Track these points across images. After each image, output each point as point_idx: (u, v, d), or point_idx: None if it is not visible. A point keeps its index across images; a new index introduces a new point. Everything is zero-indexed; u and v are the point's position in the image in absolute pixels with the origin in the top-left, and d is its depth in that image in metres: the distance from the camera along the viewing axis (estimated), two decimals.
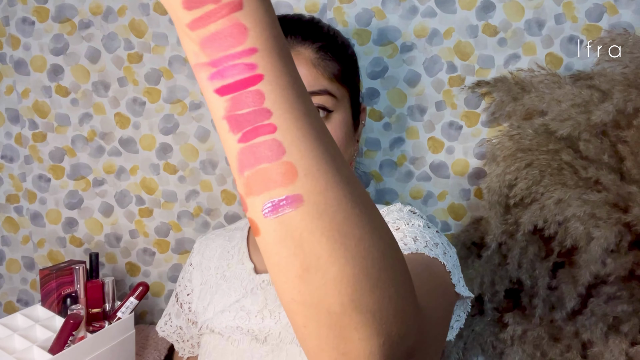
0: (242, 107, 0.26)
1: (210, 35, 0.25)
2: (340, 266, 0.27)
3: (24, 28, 1.00)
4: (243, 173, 0.27)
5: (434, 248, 0.56)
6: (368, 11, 0.94)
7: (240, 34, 0.26)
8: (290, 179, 0.26)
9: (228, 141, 0.27)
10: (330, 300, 0.28)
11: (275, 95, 0.26)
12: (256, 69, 0.26)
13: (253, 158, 0.27)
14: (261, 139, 0.26)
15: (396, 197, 0.98)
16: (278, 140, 0.26)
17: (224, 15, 0.25)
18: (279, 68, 0.27)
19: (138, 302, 0.85)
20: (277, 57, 0.27)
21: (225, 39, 0.25)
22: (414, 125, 0.96)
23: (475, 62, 0.93)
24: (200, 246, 0.82)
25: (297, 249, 0.27)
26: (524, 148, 0.81)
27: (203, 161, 1.01)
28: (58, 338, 0.73)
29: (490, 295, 0.89)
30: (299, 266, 0.27)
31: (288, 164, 0.26)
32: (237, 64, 0.26)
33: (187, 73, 0.99)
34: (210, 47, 0.26)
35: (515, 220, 0.83)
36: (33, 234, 1.07)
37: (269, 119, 0.26)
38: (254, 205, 0.27)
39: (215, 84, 0.26)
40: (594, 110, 0.77)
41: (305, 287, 0.28)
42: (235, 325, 0.67)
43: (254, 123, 0.26)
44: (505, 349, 0.87)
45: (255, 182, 0.27)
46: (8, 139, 1.05)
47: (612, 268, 0.76)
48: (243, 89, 0.26)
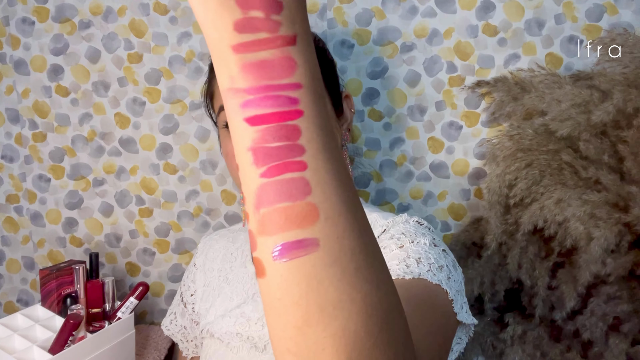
0: (274, 141, 0.25)
1: (257, 61, 0.25)
2: (343, 320, 0.26)
3: (24, 28, 1.00)
4: (259, 210, 0.26)
5: (438, 272, 0.54)
6: (368, 11, 0.94)
7: (290, 67, 0.25)
8: (310, 222, 0.25)
9: (248, 174, 0.26)
10: (327, 356, 0.26)
11: (310, 134, 0.26)
12: (297, 104, 0.25)
13: (274, 195, 0.25)
14: (288, 176, 0.25)
15: (396, 197, 0.99)
16: (306, 179, 0.25)
17: (277, 46, 0.25)
18: (317, 107, 0.26)
19: (138, 302, 0.85)
20: (316, 96, 0.26)
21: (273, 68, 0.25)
22: (414, 125, 0.96)
23: (475, 62, 0.93)
24: (204, 247, 0.82)
25: (302, 298, 0.26)
26: (524, 148, 0.81)
27: (203, 161, 1.01)
28: (58, 338, 0.73)
29: (490, 295, 0.89)
30: (300, 317, 0.26)
31: (311, 205, 0.25)
32: (279, 95, 0.25)
33: (187, 73, 0.99)
34: (254, 73, 0.25)
35: (515, 220, 0.83)
36: (33, 234, 1.07)
37: (301, 156, 0.25)
38: (265, 245, 0.26)
39: (248, 112, 0.25)
40: (594, 110, 0.77)
41: (302, 340, 0.26)
42: (235, 332, 0.67)
43: (284, 158, 0.25)
44: (505, 349, 0.87)
45: (271, 221, 0.25)
46: (8, 139, 1.05)
47: (612, 268, 0.76)
48: (279, 122, 0.25)
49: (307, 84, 0.26)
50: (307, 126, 0.26)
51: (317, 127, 0.26)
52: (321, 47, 0.75)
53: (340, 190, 0.26)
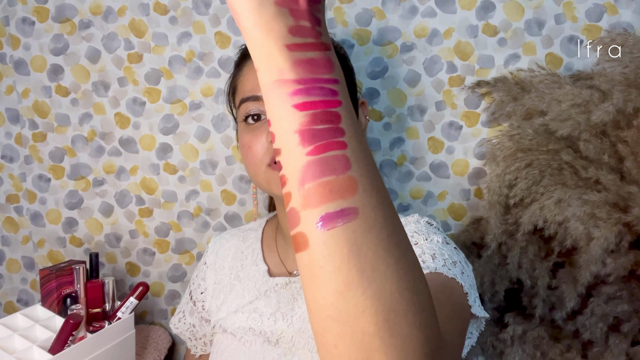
0: (321, 123, 0.29)
1: (307, 59, 0.30)
2: (380, 282, 0.29)
3: (24, 28, 1.00)
4: (304, 185, 0.29)
5: (452, 267, 0.56)
6: (368, 11, 0.94)
7: (330, 66, 0.31)
8: (351, 193, 0.29)
9: (294, 154, 0.30)
10: (367, 319, 0.29)
11: (348, 119, 0.30)
12: (337, 95, 0.30)
13: (319, 170, 0.29)
14: (332, 153, 0.29)
15: (396, 197, 0.99)
16: (347, 156, 0.30)
17: (321, 50, 0.31)
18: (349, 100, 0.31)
19: (138, 302, 0.85)
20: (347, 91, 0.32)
21: (320, 66, 0.30)
22: (414, 125, 0.96)
23: (475, 62, 0.93)
24: (215, 245, 0.84)
25: (343, 263, 0.29)
26: (524, 148, 0.81)
27: (203, 161, 1.01)
28: (58, 338, 0.73)
29: (490, 295, 0.89)
30: (342, 281, 0.29)
31: (351, 178, 0.29)
32: (324, 87, 0.30)
33: (187, 73, 0.99)
34: (304, 68, 0.30)
35: (515, 220, 0.83)
36: (33, 234, 1.07)
37: (343, 137, 0.30)
38: (309, 217, 0.29)
39: (297, 99, 0.29)
40: (594, 110, 0.77)
41: (344, 304, 0.29)
42: (247, 326, 0.68)
43: (328, 138, 0.29)
44: (505, 349, 0.87)
45: (316, 194, 0.29)
46: (8, 139, 1.05)
47: (612, 268, 0.76)
48: (325, 108, 0.30)
49: (341, 81, 0.31)
50: (345, 114, 0.30)
51: (351, 115, 0.31)
52: (342, 54, 0.77)
53: (372, 167, 0.31)
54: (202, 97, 0.99)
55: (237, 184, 1.01)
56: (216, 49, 0.98)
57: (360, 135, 0.31)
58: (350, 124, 0.30)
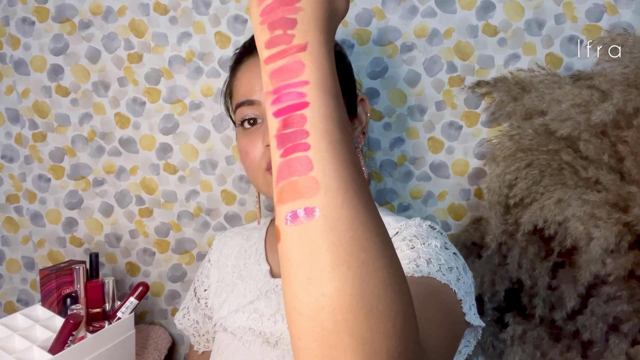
0: (288, 127, 0.32)
1: (277, 68, 0.32)
2: (340, 283, 0.29)
3: (24, 28, 1.00)
4: (278, 184, 0.32)
5: (447, 273, 0.55)
6: (368, 11, 0.94)
7: (299, 69, 0.32)
8: (312, 193, 0.30)
9: (274, 156, 0.32)
10: (326, 315, 0.29)
11: (315, 121, 0.31)
12: (304, 97, 0.32)
13: (287, 171, 0.31)
14: (296, 155, 0.31)
15: (396, 197, 0.99)
16: (309, 157, 0.31)
17: (291, 54, 0.32)
18: (324, 100, 0.32)
19: (138, 302, 0.85)
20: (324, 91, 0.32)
21: (287, 72, 0.32)
22: (414, 125, 0.96)
23: (475, 62, 0.93)
24: (219, 243, 0.85)
25: (306, 257, 0.30)
26: (524, 148, 0.81)
27: (203, 161, 1.01)
28: (58, 338, 0.73)
29: (490, 295, 0.89)
30: (304, 275, 0.30)
31: (313, 179, 0.30)
32: (291, 92, 0.32)
33: (187, 73, 0.99)
34: (276, 77, 0.32)
35: (515, 220, 0.83)
36: (33, 234, 1.07)
37: (306, 138, 0.31)
38: (280, 212, 0.31)
39: (274, 107, 0.32)
40: (594, 110, 0.77)
41: (305, 297, 0.30)
42: (247, 326, 0.68)
43: (294, 141, 0.31)
44: (505, 349, 0.87)
45: (285, 192, 0.31)
46: (8, 139, 1.05)
47: (612, 268, 0.76)
48: (292, 112, 0.32)
49: (314, 81, 0.32)
50: (313, 114, 0.31)
51: (321, 116, 0.32)
52: (338, 51, 0.76)
53: (340, 168, 0.31)
54: (202, 97, 0.99)
55: (237, 184, 1.01)
56: (216, 49, 0.98)
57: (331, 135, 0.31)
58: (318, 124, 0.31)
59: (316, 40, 0.33)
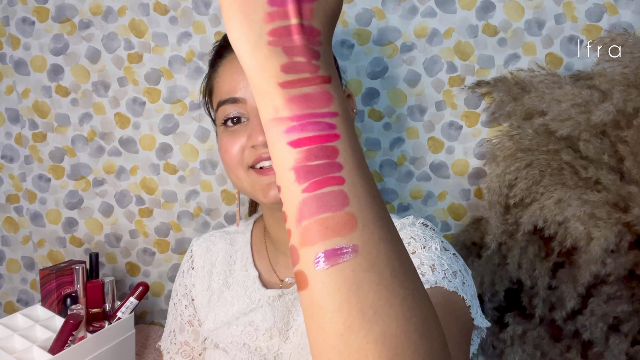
0: (316, 159, 0.29)
1: (300, 95, 0.30)
2: (384, 325, 0.27)
3: (24, 28, 1.00)
4: (301, 223, 0.28)
5: (453, 279, 0.54)
6: (368, 11, 0.94)
7: (328, 100, 0.30)
8: (349, 229, 0.28)
9: (290, 191, 0.29)
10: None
11: (346, 153, 0.30)
12: (335, 129, 0.30)
13: (315, 207, 0.28)
14: (328, 189, 0.28)
15: (396, 197, 0.99)
16: (345, 191, 0.29)
17: (317, 83, 0.30)
18: (351, 133, 0.31)
19: (138, 302, 0.85)
20: (349, 124, 0.31)
21: (314, 100, 0.30)
22: (414, 125, 0.96)
23: (475, 62, 0.93)
24: (200, 249, 0.77)
25: (343, 303, 0.27)
26: (524, 148, 0.81)
27: (203, 161, 1.01)
28: (58, 338, 0.73)
29: (490, 295, 0.89)
30: (342, 323, 0.27)
31: (349, 214, 0.28)
32: (319, 122, 0.29)
33: (187, 73, 0.99)
34: (297, 104, 0.29)
35: (515, 220, 0.83)
36: (33, 234, 1.07)
37: (340, 172, 0.29)
38: (307, 255, 0.28)
39: (291, 136, 0.29)
40: (594, 110, 0.77)
41: (345, 348, 0.27)
42: (242, 342, 0.64)
43: (324, 174, 0.29)
44: (505, 349, 0.87)
45: (313, 232, 0.28)
46: (8, 139, 1.05)
47: (612, 268, 0.76)
48: (320, 143, 0.29)
49: (341, 113, 0.30)
50: (344, 147, 0.30)
51: (351, 148, 0.30)
52: None
53: (373, 201, 0.30)
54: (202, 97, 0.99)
55: None
56: None
57: (361, 169, 0.30)
58: (350, 157, 0.30)
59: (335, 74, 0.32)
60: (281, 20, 0.30)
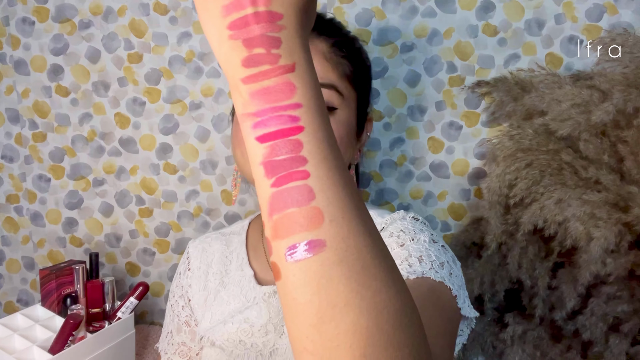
0: (280, 154, 0.29)
1: (261, 89, 0.29)
2: (355, 317, 0.28)
3: (24, 28, 1.00)
4: (272, 216, 0.29)
5: (440, 270, 0.55)
6: (368, 11, 0.94)
7: (289, 91, 0.29)
8: (316, 224, 0.28)
9: (262, 186, 0.29)
10: (342, 353, 0.27)
11: (311, 146, 0.29)
12: (298, 121, 0.29)
13: (283, 202, 0.28)
14: (293, 184, 0.28)
15: (396, 197, 0.99)
16: (309, 186, 0.28)
17: (277, 75, 0.29)
18: (317, 123, 0.30)
19: (138, 302, 0.85)
20: (317, 113, 0.30)
21: (275, 93, 0.29)
22: (414, 125, 0.96)
23: (475, 62, 0.93)
24: (195, 250, 0.78)
25: (314, 295, 0.28)
26: (524, 148, 0.81)
27: (203, 161, 1.01)
28: (58, 338, 0.73)
29: (490, 295, 0.89)
30: (315, 314, 0.28)
31: (316, 209, 0.28)
32: (281, 115, 0.29)
33: (187, 73, 0.99)
34: (259, 99, 0.29)
35: (515, 220, 0.83)
36: (33, 234, 1.07)
37: (304, 165, 0.29)
38: (278, 248, 0.29)
39: (258, 132, 0.29)
40: (594, 110, 0.77)
41: (318, 337, 0.28)
42: (238, 339, 0.64)
43: (289, 169, 0.28)
44: (505, 349, 0.87)
45: (282, 226, 0.28)
46: (8, 139, 1.05)
47: (612, 268, 0.76)
48: (283, 137, 0.29)
49: (306, 103, 0.29)
50: (309, 139, 0.29)
51: (318, 140, 0.29)
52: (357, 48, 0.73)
53: (342, 194, 0.29)
54: (202, 97, 0.99)
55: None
56: None
57: (329, 161, 0.29)
58: (316, 149, 0.29)
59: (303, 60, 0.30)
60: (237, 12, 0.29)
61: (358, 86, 0.69)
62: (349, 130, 0.67)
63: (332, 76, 0.65)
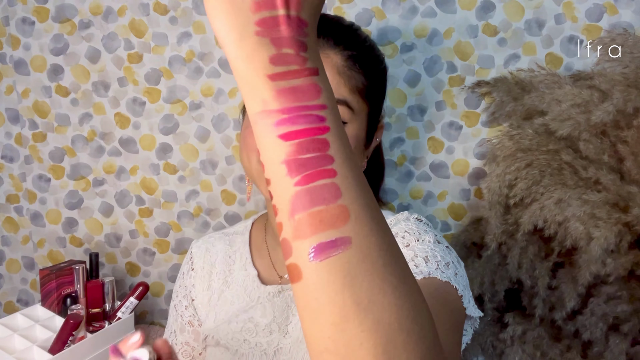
0: (307, 152, 0.29)
1: (290, 87, 0.29)
2: (378, 313, 0.28)
3: (24, 28, 1.00)
4: (294, 216, 0.28)
5: (446, 270, 0.56)
6: (368, 11, 0.94)
7: (317, 92, 0.30)
8: (342, 221, 0.28)
9: (282, 185, 0.29)
10: (365, 352, 0.28)
11: (337, 146, 0.30)
12: (325, 121, 0.30)
13: (308, 200, 0.28)
14: (321, 182, 0.29)
15: (396, 197, 0.99)
16: (336, 184, 0.29)
17: (306, 76, 0.30)
18: (339, 124, 0.31)
19: (138, 302, 0.85)
20: (338, 116, 0.31)
21: (303, 93, 0.29)
22: (414, 125, 0.96)
23: (475, 62, 0.93)
24: (199, 250, 0.78)
25: (338, 294, 0.28)
26: (524, 148, 0.81)
27: (203, 161, 1.01)
28: (58, 338, 0.73)
29: (490, 295, 0.89)
30: (337, 313, 0.28)
31: (342, 207, 0.29)
32: (309, 114, 0.29)
33: (187, 73, 0.99)
34: (287, 97, 0.29)
35: (515, 220, 0.83)
36: (33, 234, 1.07)
37: (331, 164, 0.29)
38: (300, 249, 0.28)
39: (281, 129, 0.29)
40: (594, 110, 0.77)
41: (340, 337, 0.28)
42: (242, 338, 0.65)
43: (316, 167, 0.29)
44: (505, 349, 0.87)
45: (306, 225, 0.28)
46: (8, 139, 1.05)
47: (612, 268, 0.76)
48: (311, 136, 0.29)
49: (330, 106, 0.30)
50: (334, 140, 0.30)
51: (341, 141, 0.30)
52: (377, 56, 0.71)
53: (363, 193, 0.30)
54: (202, 97, 0.99)
55: (237, 184, 1.01)
56: (216, 49, 0.98)
57: (352, 161, 0.30)
58: (340, 150, 0.30)
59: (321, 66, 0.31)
60: (269, 10, 0.29)
61: (371, 99, 0.67)
62: (356, 145, 0.66)
63: (343, 91, 0.62)
